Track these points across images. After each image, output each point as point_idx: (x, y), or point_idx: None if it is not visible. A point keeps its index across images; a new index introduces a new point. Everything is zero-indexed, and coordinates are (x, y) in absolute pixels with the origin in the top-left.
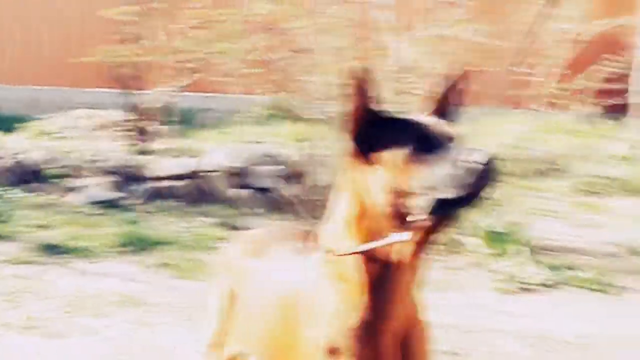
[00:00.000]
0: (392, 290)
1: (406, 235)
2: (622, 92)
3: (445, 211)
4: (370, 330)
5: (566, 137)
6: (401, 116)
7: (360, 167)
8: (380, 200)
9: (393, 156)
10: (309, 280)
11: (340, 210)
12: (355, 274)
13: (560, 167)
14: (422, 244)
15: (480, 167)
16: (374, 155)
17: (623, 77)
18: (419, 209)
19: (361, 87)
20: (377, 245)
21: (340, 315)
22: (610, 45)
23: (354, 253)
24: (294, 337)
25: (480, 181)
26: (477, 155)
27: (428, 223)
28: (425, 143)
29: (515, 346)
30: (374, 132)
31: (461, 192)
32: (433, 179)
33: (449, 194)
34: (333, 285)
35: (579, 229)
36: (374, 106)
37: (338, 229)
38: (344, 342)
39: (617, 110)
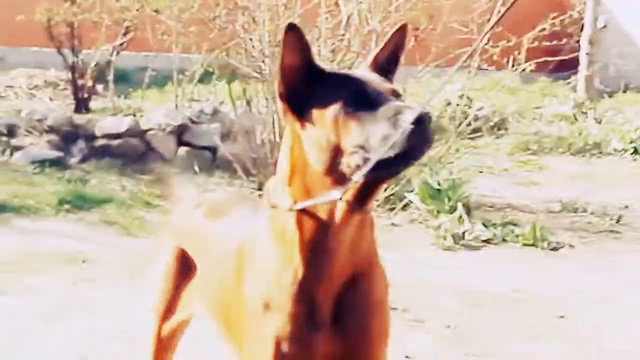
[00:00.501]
0: (328, 249)
1: (336, 194)
2: (564, 50)
3: (379, 170)
4: (305, 288)
5: (507, 95)
6: (338, 72)
7: (295, 124)
8: (314, 158)
9: (327, 113)
10: (256, 236)
11: (280, 167)
12: (291, 231)
13: (500, 125)
14: (357, 203)
15: (415, 127)
16: (309, 112)
17: (566, 36)
18: (353, 167)
19: (294, 43)
20: (308, 204)
21: (277, 271)
22: (554, 3)
23: (290, 210)
24: (238, 293)
25: (415, 142)
26: (412, 115)
27: (362, 181)
28: (362, 99)
29: (451, 301)
30: (308, 88)
31: (394, 153)
32: (367, 138)
33: (382, 153)
34: (274, 241)
35: (517, 187)
36: (308, 62)
37: (279, 185)
38: (278, 298)
39: (560, 69)
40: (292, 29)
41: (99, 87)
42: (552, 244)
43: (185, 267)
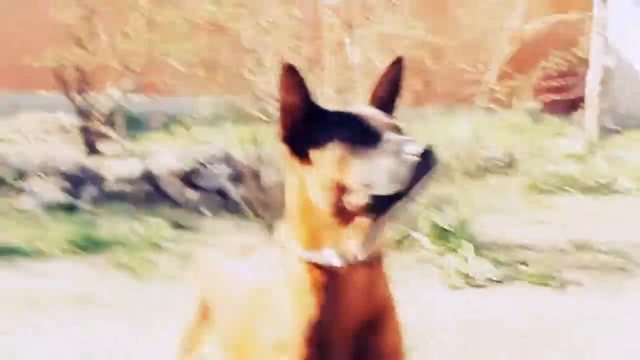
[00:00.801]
0: (339, 292)
1: (333, 259)
2: (572, 89)
3: (386, 206)
4: (318, 331)
5: (516, 135)
6: (337, 110)
7: (297, 164)
8: (318, 197)
9: (328, 151)
10: (271, 278)
11: (287, 209)
12: (302, 275)
13: (509, 164)
14: (367, 242)
15: (420, 160)
16: (310, 152)
17: (573, 74)
18: (360, 206)
19: (291, 83)
20: (314, 259)
21: (291, 314)
22: (559, 41)
23: (298, 258)
24: (253, 335)
25: (420, 174)
26: (416, 148)
27: (369, 219)
28: (363, 136)
29: (458, 338)
30: (308, 128)
31: (400, 187)
32: (371, 174)
33: (388, 189)
34: (286, 284)
35: (526, 226)
36: (307, 101)
37: (288, 228)
38: (292, 340)
39: (568, 107)
40: (288, 69)
41: (109, 131)
42: (560, 282)
43: (205, 316)
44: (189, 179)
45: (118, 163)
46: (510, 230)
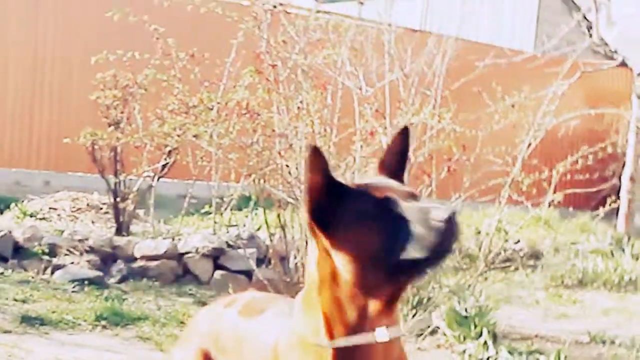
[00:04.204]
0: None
1: (383, 335)
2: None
3: (411, 271)
4: None
5: (543, 229)
6: (359, 184)
7: (324, 240)
8: (344, 270)
9: (354, 225)
10: (289, 336)
11: (309, 280)
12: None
13: (535, 258)
14: (389, 306)
15: (445, 225)
16: (336, 227)
17: (603, 170)
18: (383, 273)
19: (316, 163)
20: (350, 342)
21: None
22: (591, 137)
23: (328, 346)
24: None
25: (445, 240)
26: (441, 213)
27: (393, 286)
28: (386, 207)
29: None
30: (333, 204)
31: (427, 252)
32: (397, 243)
33: (415, 254)
34: (304, 344)
35: (548, 319)
36: (330, 180)
37: (309, 297)
38: None
39: (597, 204)
40: (312, 150)
41: (140, 212)
42: None
43: None
44: (216, 259)
45: (147, 242)
46: (530, 321)
